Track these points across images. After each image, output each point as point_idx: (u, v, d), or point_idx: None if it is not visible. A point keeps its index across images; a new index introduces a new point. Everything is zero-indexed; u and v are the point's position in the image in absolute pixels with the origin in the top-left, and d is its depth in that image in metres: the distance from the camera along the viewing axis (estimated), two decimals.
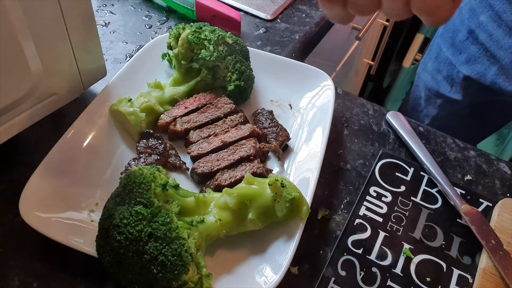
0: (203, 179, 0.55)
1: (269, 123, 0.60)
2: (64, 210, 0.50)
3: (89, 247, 0.46)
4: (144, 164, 0.54)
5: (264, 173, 0.54)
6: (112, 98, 0.60)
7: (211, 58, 0.60)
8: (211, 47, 0.61)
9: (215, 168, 0.54)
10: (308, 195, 0.51)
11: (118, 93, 0.61)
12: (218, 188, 0.52)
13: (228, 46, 0.61)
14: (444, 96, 0.90)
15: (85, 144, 0.56)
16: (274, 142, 0.58)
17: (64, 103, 0.58)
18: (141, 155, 0.55)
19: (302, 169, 0.56)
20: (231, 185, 0.52)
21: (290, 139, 0.60)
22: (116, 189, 0.45)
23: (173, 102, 0.62)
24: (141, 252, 0.40)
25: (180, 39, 0.63)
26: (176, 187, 0.47)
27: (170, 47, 0.66)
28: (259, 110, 0.63)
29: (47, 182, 0.51)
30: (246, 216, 0.48)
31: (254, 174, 0.52)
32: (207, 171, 0.54)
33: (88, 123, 0.57)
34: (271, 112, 0.62)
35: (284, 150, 0.59)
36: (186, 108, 0.61)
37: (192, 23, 0.64)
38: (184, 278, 0.41)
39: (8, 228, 0.51)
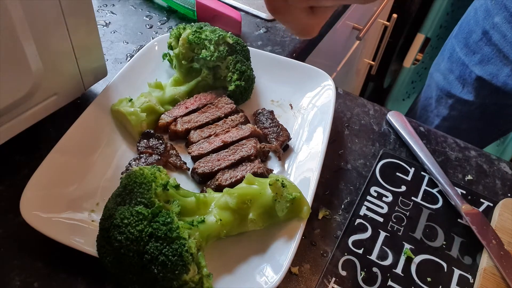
0: (203, 179, 0.55)
1: (270, 123, 0.60)
2: (64, 210, 0.50)
3: (90, 247, 0.46)
4: (144, 164, 0.54)
5: (264, 173, 0.54)
6: (112, 98, 0.60)
7: (212, 58, 0.60)
8: (211, 47, 0.61)
9: (216, 168, 0.54)
10: (308, 195, 0.51)
11: (118, 93, 0.61)
12: (219, 188, 0.52)
13: (229, 46, 0.61)
14: (456, 97, 0.90)
15: (85, 144, 0.56)
16: (274, 142, 0.58)
17: (65, 103, 0.58)
18: (142, 155, 0.55)
19: (303, 169, 0.56)
20: (232, 185, 0.52)
21: (290, 139, 0.60)
22: (117, 189, 0.45)
23: (174, 102, 0.62)
24: (141, 252, 0.40)
25: (180, 39, 0.63)
26: (177, 187, 0.47)
27: (170, 47, 0.66)
28: (260, 110, 0.63)
29: (48, 182, 0.51)
30: (247, 216, 0.48)
31: (255, 174, 0.52)
32: (208, 171, 0.54)
33: (89, 123, 0.57)
34: (271, 112, 0.62)
35: (284, 150, 0.59)
36: (186, 108, 0.61)
37: (192, 23, 0.64)
38: (185, 278, 0.41)
39: (9, 228, 0.51)
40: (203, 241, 0.45)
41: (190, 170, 0.56)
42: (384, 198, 0.58)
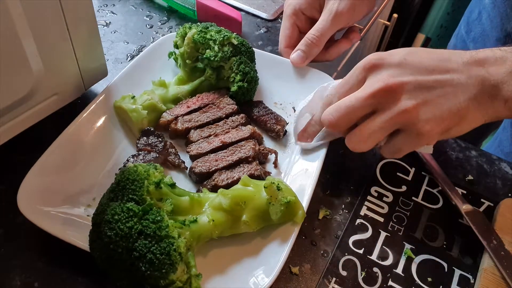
0: (200, 179, 0.55)
1: (265, 111, 0.61)
2: (62, 204, 0.50)
3: (84, 242, 0.46)
4: (142, 161, 0.54)
5: (262, 175, 0.54)
6: (116, 94, 0.60)
7: (216, 58, 0.60)
8: (216, 47, 0.61)
9: (213, 168, 0.54)
10: (304, 199, 0.51)
11: (123, 89, 0.61)
12: (215, 189, 0.52)
13: (233, 47, 0.61)
14: None
15: (85, 139, 0.56)
16: (276, 126, 0.59)
17: (65, 103, 0.58)
18: (140, 152, 0.55)
19: (303, 170, 0.56)
20: (228, 186, 0.52)
21: (287, 123, 0.61)
22: (111, 185, 0.45)
23: (177, 100, 0.62)
24: (130, 249, 0.40)
25: (186, 38, 0.63)
26: (173, 185, 0.47)
27: (176, 46, 0.66)
28: (248, 103, 0.63)
29: (46, 176, 0.51)
30: (240, 218, 0.48)
31: (252, 176, 0.52)
32: (205, 171, 0.54)
33: (90, 119, 0.57)
34: (261, 102, 0.63)
35: (284, 135, 0.60)
36: (188, 107, 0.61)
37: (199, 23, 0.64)
38: (172, 277, 0.41)
39: (9, 228, 0.51)
40: (193, 241, 0.45)
41: (188, 169, 0.56)
42: (384, 198, 0.58)
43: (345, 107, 0.49)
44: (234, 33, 0.63)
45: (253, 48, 0.65)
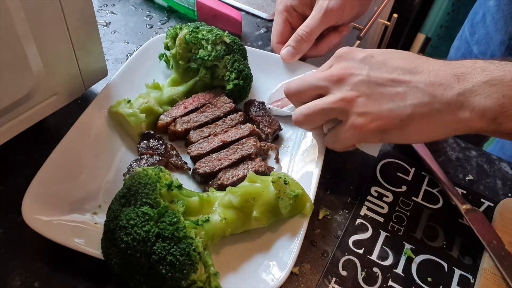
0: (205, 179, 0.55)
1: (262, 113, 0.61)
2: (67, 213, 0.50)
3: (93, 248, 0.46)
4: (146, 165, 0.54)
5: (266, 171, 0.54)
6: (110, 99, 0.60)
7: (210, 58, 0.60)
8: (209, 47, 0.61)
9: (217, 168, 0.54)
10: (310, 192, 0.52)
11: (116, 94, 0.60)
12: (221, 187, 0.52)
13: (226, 45, 0.61)
14: None
15: (85, 146, 0.55)
16: (267, 129, 0.59)
17: (65, 103, 0.58)
18: (142, 156, 0.55)
19: (303, 169, 0.56)
20: (234, 184, 0.52)
21: (282, 129, 0.60)
22: (121, 190, 0.45)
23: (172, 102, 0.62)
24: (149, 253, 0.40)
25: (177, 39, 0.63)
26: (180, 187, 0.47)
27: (167, 48, 0.66)
28: (251, 100, 0.63)
29: (49, 186, 0.51)
30: (251, 214, 0.48)
31: (257, 172, 0.53)
32: (209, 171, 0.54)
33: (87, 126, 0.57)
34: (263, 103, 0.63)
35: (275, 139, 0.60)
36: (185, 108, 0.61)
37: (189, 23, 0.64)
38: (193, 277, 0.41)
39: (9, 228, 0.51)
40: (208, 240, 0.45)
41: (191, 170, 0.56)
42: (384, 198, 0.58)
43: (301, 82, 0.55)
44: (226, 31, 0.63)
45: (249, 47, 0.65)
